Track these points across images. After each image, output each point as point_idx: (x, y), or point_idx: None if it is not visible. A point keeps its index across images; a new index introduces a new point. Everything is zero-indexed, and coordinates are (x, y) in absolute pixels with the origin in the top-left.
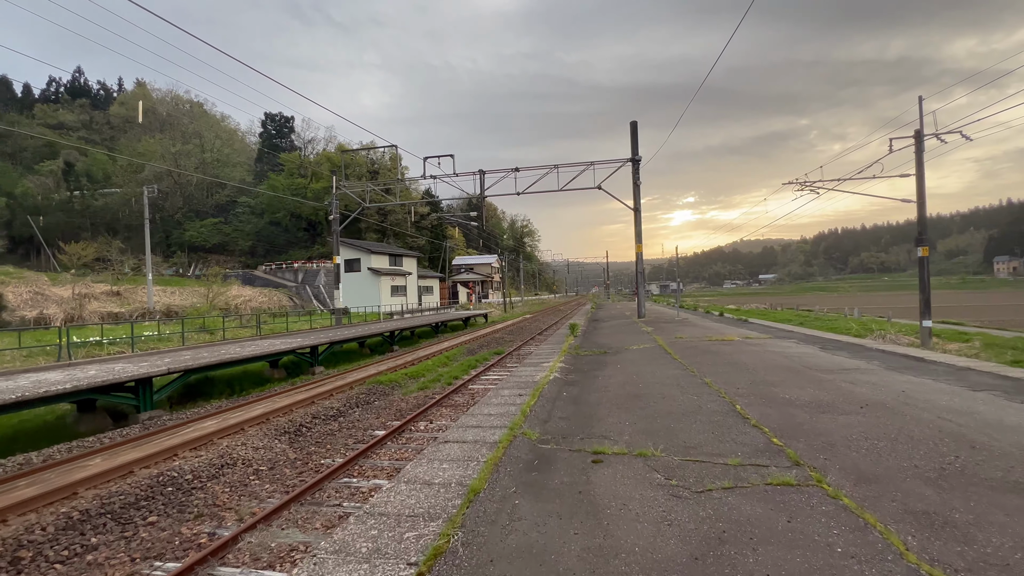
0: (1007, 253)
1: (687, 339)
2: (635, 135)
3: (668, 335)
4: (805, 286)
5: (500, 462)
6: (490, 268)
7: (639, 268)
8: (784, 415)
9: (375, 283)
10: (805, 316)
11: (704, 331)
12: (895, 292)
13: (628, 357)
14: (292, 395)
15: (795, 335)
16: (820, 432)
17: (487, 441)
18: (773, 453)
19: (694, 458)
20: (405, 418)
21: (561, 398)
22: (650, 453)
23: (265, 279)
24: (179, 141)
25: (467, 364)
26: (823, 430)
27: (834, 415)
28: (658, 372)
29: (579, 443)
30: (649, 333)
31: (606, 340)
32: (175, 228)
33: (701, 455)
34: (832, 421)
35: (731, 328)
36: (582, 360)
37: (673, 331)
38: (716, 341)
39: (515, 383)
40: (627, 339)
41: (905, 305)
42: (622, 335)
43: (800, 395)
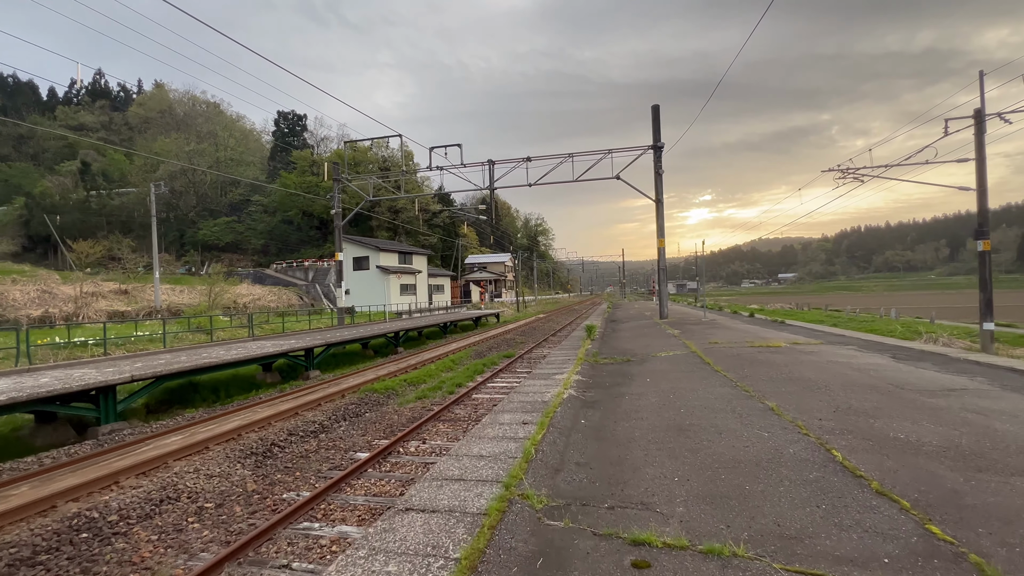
0: None
1: (724, 345)
2: (657, 120)
3: (700, 339)
4: (827, 285)
5: (479, 566)
6: (503, 267)
7: (661, 265)
8: (918, 473)
9: (384, 281)
10: (838, 317)
11: (740, 334)
12: (923, 292)
13: (658, 367)
14: (276, 404)
15: (849, 340)
16: (1003, 514)
17: (468, 511)
18: (945, 560)
19: (809, 569)
20: (395, 436)
21: (579, 429)
22: (727, 551)
23: (276, 278)
24: (193, 140)
25: (473, 369)
26: (1006, 509)
27: (1004, 476)
28: (701, 390)
29: (608, 519)
30: (676, 337)
31: (628, 345)
32: (189, 227)
33: (817, 558)
34: (1008, 488)
35: (770, 331)
36: (602, 370)
37: (704, 334)
38: (761, 348)
39: (520, 402)
40: (652, 343)
41: (940, 305)
42: (646, 339)
43: (919, 434)
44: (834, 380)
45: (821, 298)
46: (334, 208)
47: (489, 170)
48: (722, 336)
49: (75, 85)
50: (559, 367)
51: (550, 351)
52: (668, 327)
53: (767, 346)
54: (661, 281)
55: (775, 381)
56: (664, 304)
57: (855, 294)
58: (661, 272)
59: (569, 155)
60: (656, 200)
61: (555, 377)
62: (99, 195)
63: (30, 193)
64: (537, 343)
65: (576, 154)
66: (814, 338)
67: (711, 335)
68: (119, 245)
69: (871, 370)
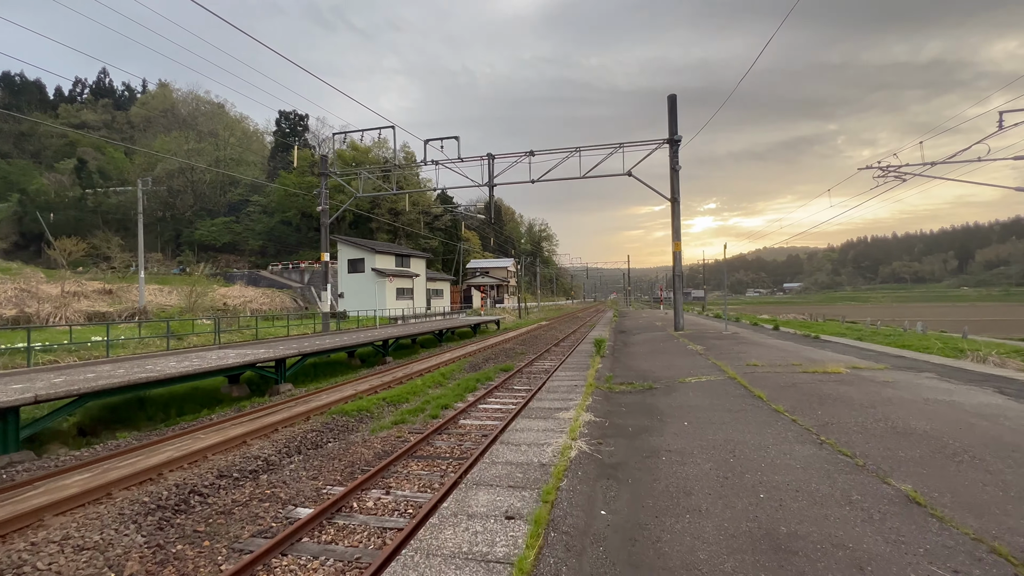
0: None
1: (767, 367)
2: (674, 111)
3: (732, 359)
4: (833, 295)
5: None
6: (506, 272)
7: (677, 271)
8: None
9: (379, 285)
10: (860, 330)
11: (778, 353)
12: (933, 304)
13: (693, 400)
14: (224, 429)
15: (910, 363)
16: None
17: None
18: None
19: None
20: (353, 481)
21: (598, 534)
22: None
23: (271, 279)
24: (193, 139)
25: (465, 385)
26: None
27: None
28: (772, 447)
29: None
30: (702, 354)
31: (646, 364)
32: (185, 227)
33: None
34: None
35: (810, 349)
36: (620, 403)
37: (734, 352)
38: (817, 375)
39: (508, 464)
40: (675, 363)
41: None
42: (666, 356)
43: None
44: (964, 435)
45: (829, 308)
46: (320, 205)
47: (488, 165)
48: (758, 355)
49: (79, 84)
50: (564, 397)
51: (553, 364)
52: (688, 341)
53: (824, 372)
54: (677, 288)
55: (874, 435)
56: (679, 314)
57: (863, 305)
58: (677, 278)
59: (576, 149)
60: (672, 199)
61: (559, 416)
62: (95, 193)
63: (24, 190)
64: (539, 354)
65: (584, 148)
66: (870, 360)
67: (744, 353)
68: (108, 243)
69: (999, 416)
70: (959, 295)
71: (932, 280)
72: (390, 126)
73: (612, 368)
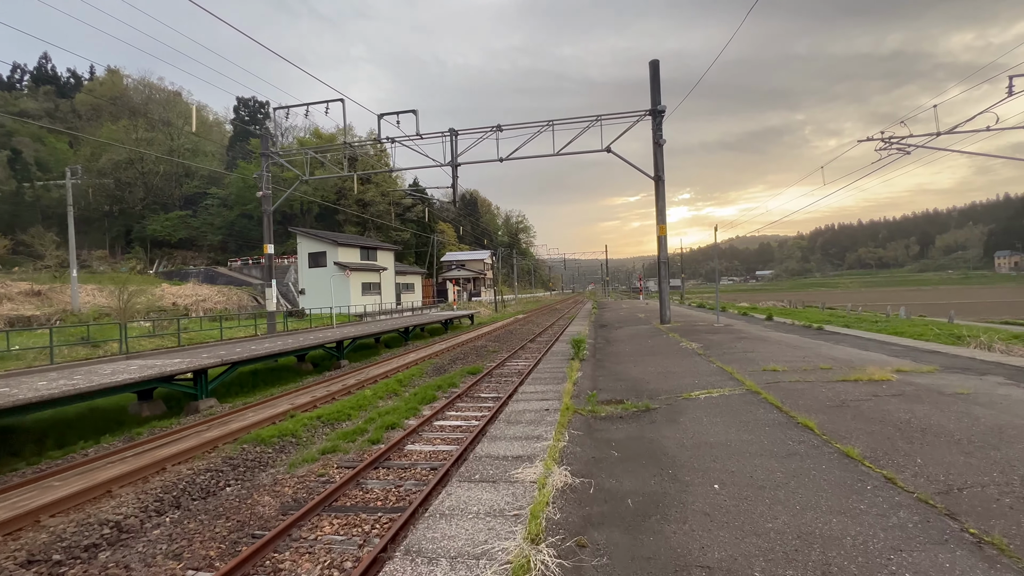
0: (1008, 248)
1: (792, 375)
2: (656, 78)
3: (741, 361)
4: (804, 282)
5: None
6: (482, 264)
7: (662, 257)
8: None
9: (343, 280)
10: (842, 316)
11: (793, 352)
12: (898, 288)
13: (715, 434)
14: (93, 472)
15: (946, 358)
16: None
17: None
18: None
19: None
20: (235, 557)
21: None
22: None
23: (229, 276)
24: (144, 128)
25: (422, 395)
26: None
27: None
28: (886, 550)
29: None
30: (701, 355)
31: (637, 371)
32: (137, 222)
33: None
34: None
35: (824, 344)
36: (609, 443)
37: (737, 351)
38: (862, 384)
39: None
40: (673, 369)
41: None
42: (659, 358)
43: None
44: None
45: (802, 295)
46: (261, 190)
47: (451, 142)
48: (768, 354)
49: (18, 69)
50: (528, 433)
51: (526, 365)
52: (679, 337)
53: (869, 380)
54: (663, 277)
55: (993, 489)
56: (666, 306)
57: (832, 291)
58: (663, 265)
59: (548, 123)
60: (656, 177)
61: (516, 477)
62: (32, 187)
63: None
64: (512, 352)
65: (557, 122)
66: (891, 354)
67: (751, 352)
68: (41, 240)
69: None
70: (922, 279)
71: (896, 265)
72: (339, 99)
73: (594, 377)
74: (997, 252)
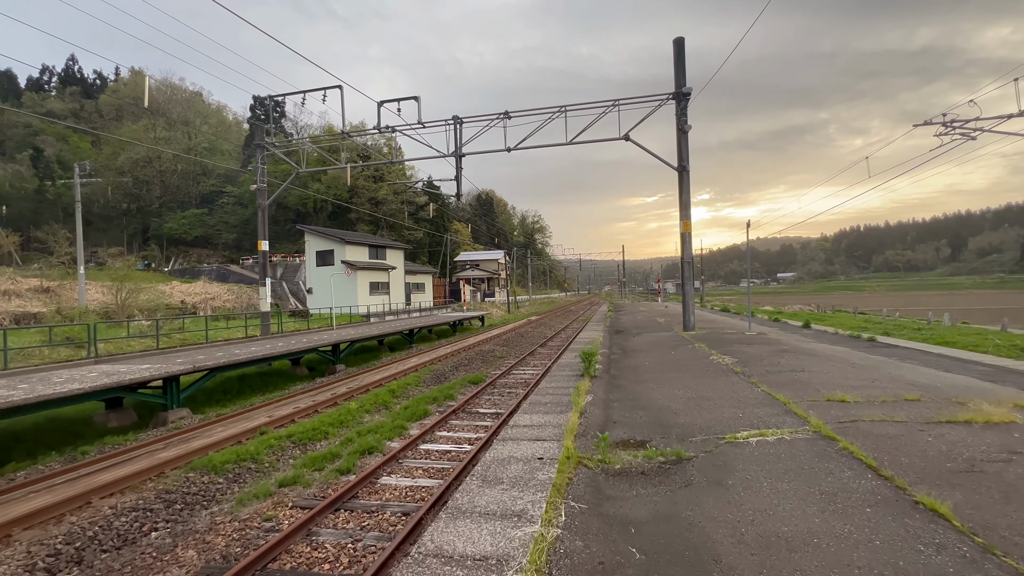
0: None
1: (871, 410)
2: (681, 57)
3: (791, 384)
4: (827, 285)
5: None
6: (497, 264)
7: (686, 255)
8: None
9: (351, 279)
10: (879, 322)
11: (851, 371)
12: (928, 292)
13: (784, 516)
14: None
15: None
16: None
17: None
18: None
19: None
20: None
21: None
22: None
23: (240, 274)
24: (163, 127)
25: (414, 408)
26: None
27: None
28: None
29: None
30: (740, 374)
31: (660, 395)
32: (154, 219)
33: None
34: None
35: (889, 362)
36: (624, 518)
37: (783, 369)
38: (976, 427)
39: None
40: (706, 393)
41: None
42: (687, 377)
43: None
44: None
45: (827, 298)
46: (256, 183)
47: (455, 131)
48: (824, 375)
49: (47, 71)
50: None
51: (532, 375)
52: (708, 348)
53: (986, 421)
54: (686, 278)
55: None
56: (690, 311)
57: (858, 294)
58: (686, 265)
59: (560, 108)
60: (679, 167)
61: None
62: (54, 184)
63: None
64: (520, 359)
65: (570, 107)
66: (1008, 384)
67: (800, 371)
68: (54, 236)
69: None
70: (954, 283)
71: (925, 268)
72: (337, 86)
73: (607, 402)
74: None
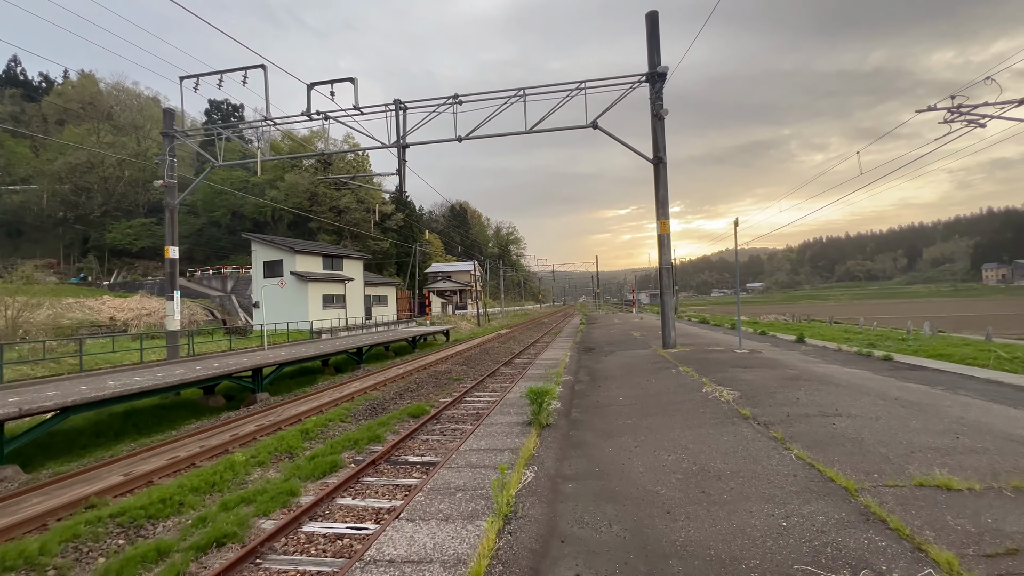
0: (995, 260)
1: (994, 504)
2: (655, 33)
3: (837, 447)
4: (794, 294)
5: None
6: (469, 276)
7: (664, 261)
8: None
9: (302, 292)
10: (860, 332)
11: (916, 417)
12: (888, 300)
13: None
14: None
15: None
16: None
17: None
18: None
19: None
20: None
21: None
22: None
23: (186, 288)
24: (110, 132)
25: (325, 457)
26: None
27: None
28: None
29: None
30: (750, 421)
31: (643, 473)
32: (95, 229)
33: None
34: None
35: (942, 395)
36: None
37: (806, 410)
38: None
39: None
40: (709, 460)
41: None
42: (676, 428)
43: None
44: None
45: (796, 307)
46: (164, 178)
47: (398, 118)
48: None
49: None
50: None
51: (487, 403)
52: (697, 375)
53: None
54: (665, 287)
55: None
56: (670, 325)
57: (824, 303)
58: (664, 271)
59: (519, 92)
60: (655, 159)
61: None
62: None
63: None
64: (478, 381)
65: (530, 90)
66: None
67: (844, 419)
68: None
69: None
70: (912, 291)
71: (884, 277)
72: (260, 65)
73: (555, 487)
74: (984, 264)
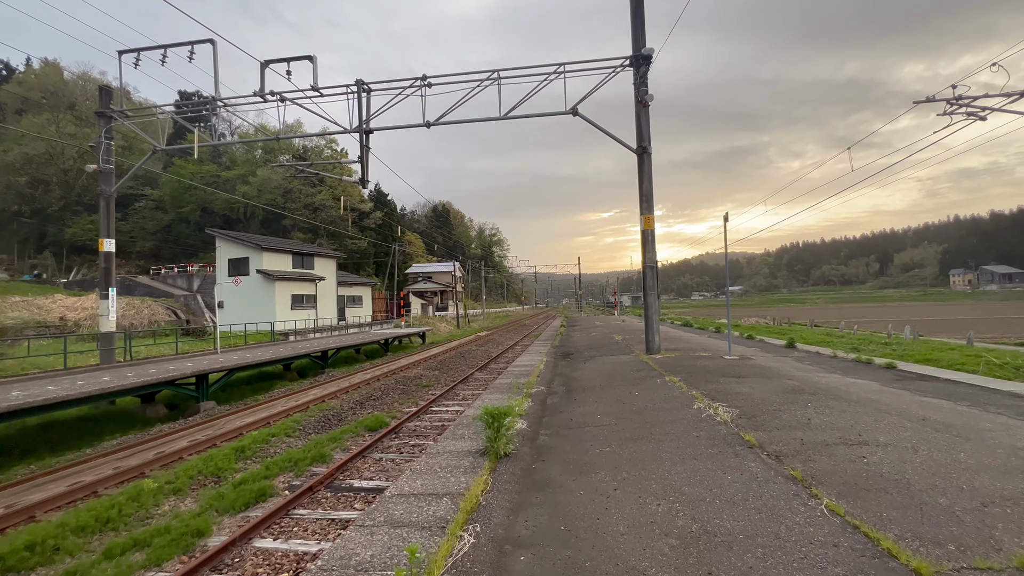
0: (961, 266)
1: None
2: (640, 11)
3: (904, 507)
4: (772, 298)
5: None
6: (451, 277)
7: (648, 259)
8: None
9: (268, 291)
10: (840, 335)
11: (963, 444)
12: (863, 304)
13: None
14: None
15: None
16: None
17: None
18: None
19: None
20: None
21: None
22: None
23: (149, 287)
24: (72, 122)
25: (254, 483)
26: None
27: None
28: None
29: None
30: (756, 451)
31: (623, 533)
32: (53, 224)
33: None
34: None
35: (970, 412)
36: None
37: (823, 434)
38: None
39: None
40: (717, 518)
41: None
42: (667, 462)
43: None
44: None
45: (775, 310)
46: (99, 162)
47: (360, 100)
48: (924, 458)
49: None
50: None
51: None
52: (687, 387)
53: None
54: (649, 288)
55: None
56: (654, 329)
57: (801, 306)
58: (649, 271)
59: (493, 73)
60: (639, 149)
61: None
62: None
63: None
64: (449, 388)
65: (505, 72)
66: None
67: (871, 448)
68: None
69: None
70: (885, 295)
71: (858, 282)
72: (208, 40)
73: (499, 564)
74: (952, 270)
